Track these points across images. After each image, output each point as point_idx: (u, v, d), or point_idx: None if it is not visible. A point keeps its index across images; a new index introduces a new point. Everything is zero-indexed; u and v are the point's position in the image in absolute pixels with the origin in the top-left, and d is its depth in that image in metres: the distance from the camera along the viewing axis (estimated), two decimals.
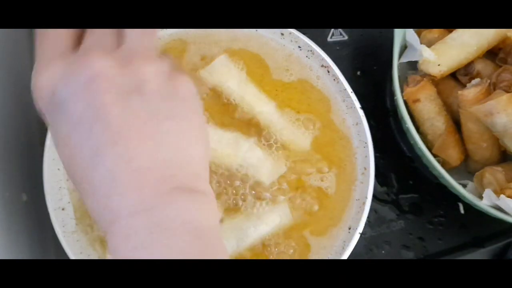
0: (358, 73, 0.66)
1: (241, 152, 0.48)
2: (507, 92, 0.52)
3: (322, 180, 0.50)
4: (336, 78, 0.52)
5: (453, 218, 0.63)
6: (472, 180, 0.56)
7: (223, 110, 0.50)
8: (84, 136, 0.27)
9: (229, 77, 0.51)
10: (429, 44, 0.57)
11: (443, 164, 0.56)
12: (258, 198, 0.48)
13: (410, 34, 0.56)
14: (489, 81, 0.54)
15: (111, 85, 0.27)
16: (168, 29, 0.52)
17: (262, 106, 0.50)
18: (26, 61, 0.58)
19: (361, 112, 0.51)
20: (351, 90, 0.51)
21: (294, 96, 0.52)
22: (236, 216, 0.47)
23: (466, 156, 0.58)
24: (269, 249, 0.48)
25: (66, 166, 0.29)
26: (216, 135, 0.48)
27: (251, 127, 0.50)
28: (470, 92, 0.53)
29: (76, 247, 0.45)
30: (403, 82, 0.58)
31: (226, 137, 0.48)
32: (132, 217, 0.26)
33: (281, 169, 0.49)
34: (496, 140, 0.55)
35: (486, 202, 0.52)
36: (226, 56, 0.52)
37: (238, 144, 0.48)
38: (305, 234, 0.49)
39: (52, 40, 0.29)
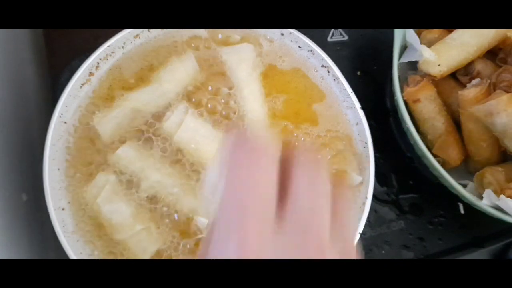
0: (358, 73, 0.66)
1: None
2: (507, 92, 0.52)
3: None
4: (336, 78, 0.52)
5: (453, 218, 0.63)
6: (472, 180, 0.56)
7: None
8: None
9: (244, 65, 0.50)
10: (429, 44, 0.57)
11: (443, 164, 0.56)
12: None
13: (410, 34, 0.56)
14: (489, 81, 0.54)
15: None
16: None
17: (253, 106, 0.50)
18: (26, 61, 0.58)
19: (361, 112, 0.51)
20: (351, 90, 0.51)
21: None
22: None
23: (466, 156, 0.58)
24: None
25: None
26: (203, 128, 0.48)
27: None
28: (470, 92, 0.53)
29: (76, 247, 0.45)
30: (403, 82, 0.58)
31: (213, 134, 0.48)
32: None
33: None
34: (496, 140, 0.55)
35: (486, 202, 0.52)
36: (252, 46, 0.51)
37: None
38: None
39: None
